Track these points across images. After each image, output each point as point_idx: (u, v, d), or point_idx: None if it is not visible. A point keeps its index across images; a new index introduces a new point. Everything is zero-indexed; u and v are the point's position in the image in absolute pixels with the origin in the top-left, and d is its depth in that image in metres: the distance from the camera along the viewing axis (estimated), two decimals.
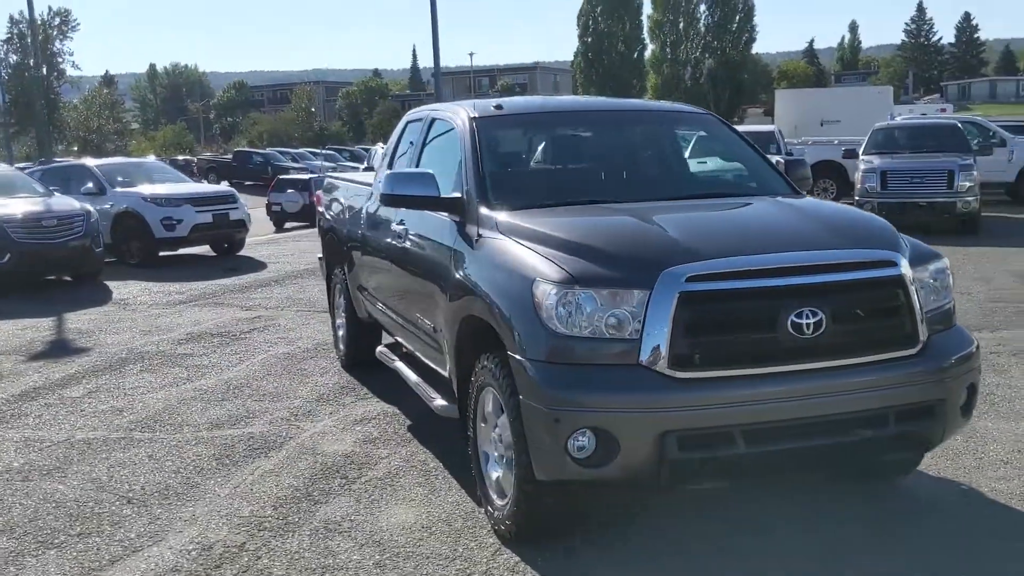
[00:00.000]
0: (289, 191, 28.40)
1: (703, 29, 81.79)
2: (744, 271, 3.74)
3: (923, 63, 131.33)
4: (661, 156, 5.56)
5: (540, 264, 3.93)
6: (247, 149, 55.07)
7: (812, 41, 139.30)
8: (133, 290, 12.39)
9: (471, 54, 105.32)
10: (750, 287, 3.72)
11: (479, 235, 4.51)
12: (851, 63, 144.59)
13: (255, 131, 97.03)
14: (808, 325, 3.70)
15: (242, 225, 15.69)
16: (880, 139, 17.71)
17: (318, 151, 54.75)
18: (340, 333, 7.77)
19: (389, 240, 5.83)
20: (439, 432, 5.85)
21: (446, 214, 4.93)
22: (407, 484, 5.09)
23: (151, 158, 22.72)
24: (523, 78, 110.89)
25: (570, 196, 4.91)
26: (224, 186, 19.23)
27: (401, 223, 5.59)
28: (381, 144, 25.87)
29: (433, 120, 5.80)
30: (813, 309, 3.71)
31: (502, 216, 4.48)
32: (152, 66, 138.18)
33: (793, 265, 3.80)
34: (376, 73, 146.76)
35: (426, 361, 5.53)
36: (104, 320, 10.25)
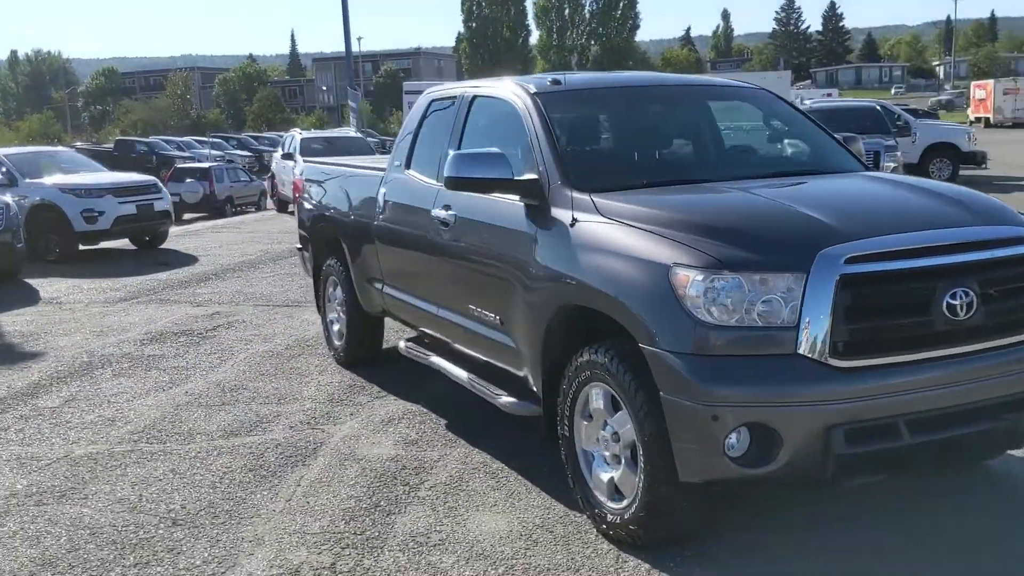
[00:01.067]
0: (188, 181, 27.33)
1: (588, 16, 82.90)
2: (901, 251, 3.54)
3: (793, 50, 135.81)
4: (737, 132, 5.32)
5: (674, 248, 3.63)
6: (130, 138, 52.63)
7: (689, 29, 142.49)
8: (61, 288, 11.47)
9: (360, 39, 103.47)
10: (909, 268, 3.52)
11: (574, 219, 4.17)
12: (725, 51, 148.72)
13: (128, 119, 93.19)
14: (962, 306, 3.52)
15: (167, 216, 14.80)
16: None
17: (205, 139, 52.81)
18: (335, 328, 7.29)
19: (426, 227, 5.42)
20: (484, 431, 5.51)
21: (517, 197, 4.57)
22: (480, 489, 4.72)
23: (60, 148, 21.25)
24: (407, 63, 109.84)
25: (660, 175, 4.61)
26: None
27: (446, 208, 5.19)
28: (298, 130, 25.00)
29: (474, 98, 5.40)
30: (966, 289, 3.54)
31: (600, 198, 4.16)
32: (13, 53, 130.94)
33: (947, 243, 3.62)
34: (251, 58, 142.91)
35: (479, 356, 5.16)
36: (44, 321, 9.42)
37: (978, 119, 55.15)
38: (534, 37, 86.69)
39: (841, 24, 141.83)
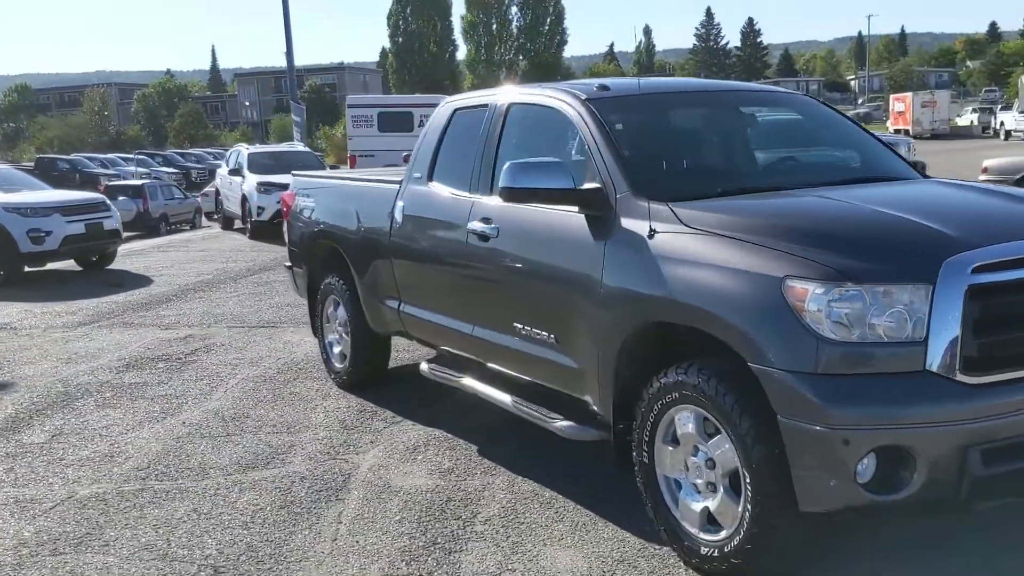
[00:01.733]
0: (121, 198, 26.36)
1: (516, 31, 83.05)
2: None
3: (713, 66, 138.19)
4: (791, 139, 5.13)
5: (784, 260, 3.39)
6: (51, 155, 50.86)
7: (612, 45, 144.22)
8: (12, 312, 10.79)
9: (286, 53, 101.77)
10: None
11: (652, 230, 3.91)
12: (647, 66, 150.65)
13: (44, 137, 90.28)
14: None
15: (117, 235, 14.12)
16: None
17: (129, 156, 51.39)
18: (336, 350, 6.90)
19: (458, 242, 5.10)
20: (522, 456, 5.22)
21: (576, 208, 4.29)
22: (539, 521, 4.41)
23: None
24: (331, 78, 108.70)
25: (732, 183, 4.39)
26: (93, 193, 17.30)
27: (485, 221, 4.89)
28: (244, 145, 24.30)
29: (510, 107, 5.10)
30: None
31: (680, 208, 3.91)
32: None
33: None
34: (169, 74, 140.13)
35: (524, 377, 4.86)
36: (3, 348, 8.79)
37: (897, 131, 56.63)
38: (461, 52, 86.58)
39: (759, 40, 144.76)
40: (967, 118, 60.79)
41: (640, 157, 4.41)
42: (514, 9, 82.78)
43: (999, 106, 58.99)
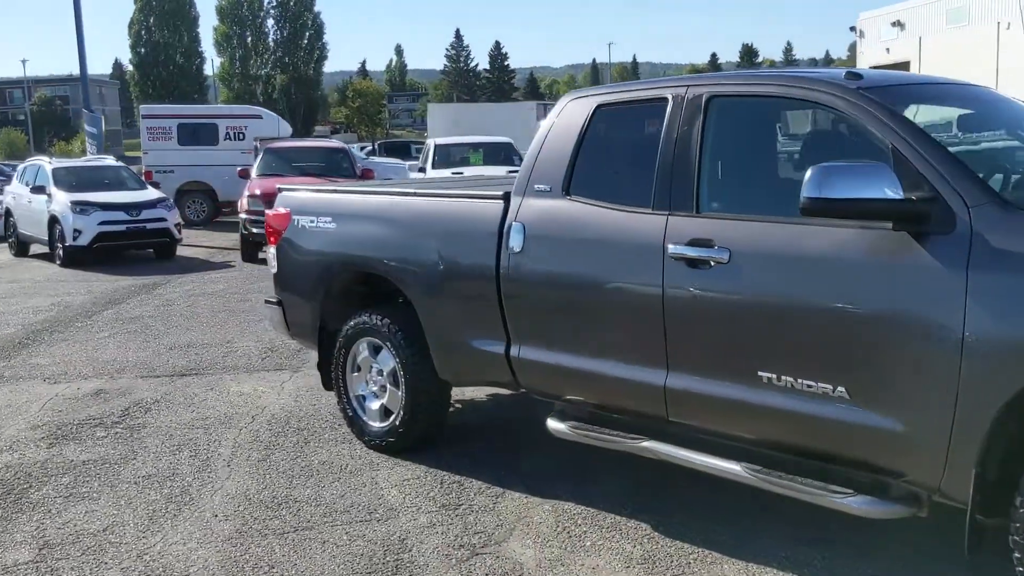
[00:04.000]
0: None
1: (273, 44, 79.89)
2: None
3: (464, 86, 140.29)
4: None
5: None
6: None
7: (364, 62, 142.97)
8: None
9: (24, 61, 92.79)
10: None
11: None
12: (399, 84, 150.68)
13: None
14: None
15: None
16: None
17: None
18: (373, 405, 5.55)
19: (651, 270, 4.04)
20: (740, 536, 4.23)
21: (890, 225, 3.39)
22: None
23: None
24: (64, 90, 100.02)
25: None
26: None
27: (701, 244, 3.87)
28: (46, 158, 20.97)
29: (710, 100, 4.08)
30: None
31: None
32: None
33: None
34: None
35: (769, 438, 3.88)
36: None
37: None
38: (210, 65, 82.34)
39: (506, 63, 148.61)
40: None
41: (965, 159, 3.57)
42: (270, 22, 79.74)
43: None
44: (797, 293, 3.66)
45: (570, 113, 4.64)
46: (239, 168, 17.50)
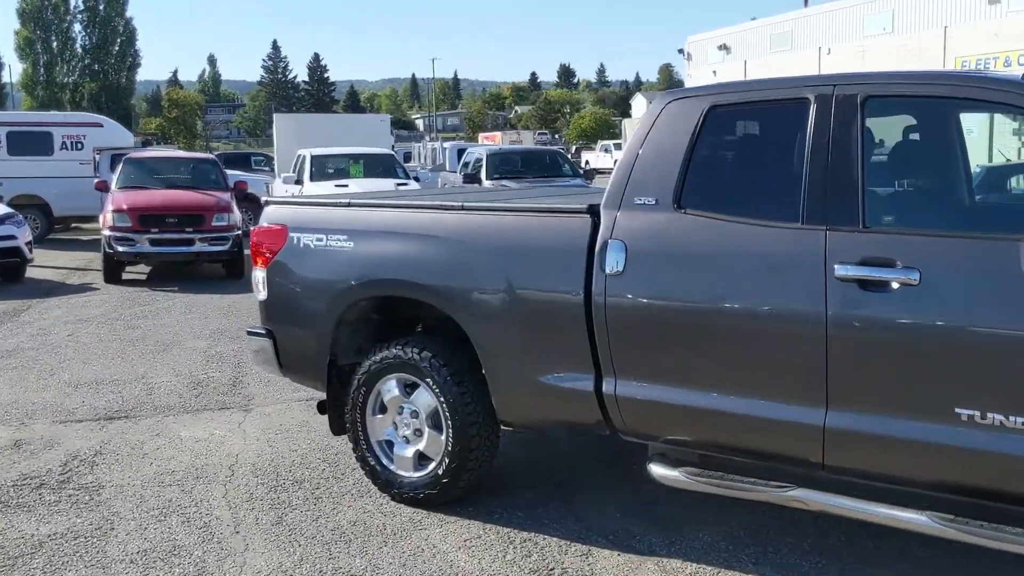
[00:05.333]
0: None
1: (81, 51, 74.87)
2: None
3: (283, 98, 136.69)
4: None
5: None
6: None
7: (176, 71, 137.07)
8: None
9: None
10: None
11: None
12: (213, 95, 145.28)
13: None
14: None
15: None
16: (496, 162, 17.52)
17: None
18: (406, 452, 4.79)
19: (811, 294, 3.54)
20: None
21: None
22: None
23: None
24: None
25: None
26: None
27: (879, 264, 3.41)
28: None
29: (866, 101, 3.61)
30: None
31: None
32: None
33: None
34: None
35: (969, 483, 3.44)
36: None
37: None
38: (8, 72, 76.47)
39: (326, 75, 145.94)
40: None
41: None
42: (77, 27, 74.72)
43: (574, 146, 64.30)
44: (1012, 318, 3.24)
45: (674, 116, 4.07)
46: (97, 180, 15.87)
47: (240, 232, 14.06)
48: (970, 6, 34.46)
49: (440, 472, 4.65)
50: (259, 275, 5.21)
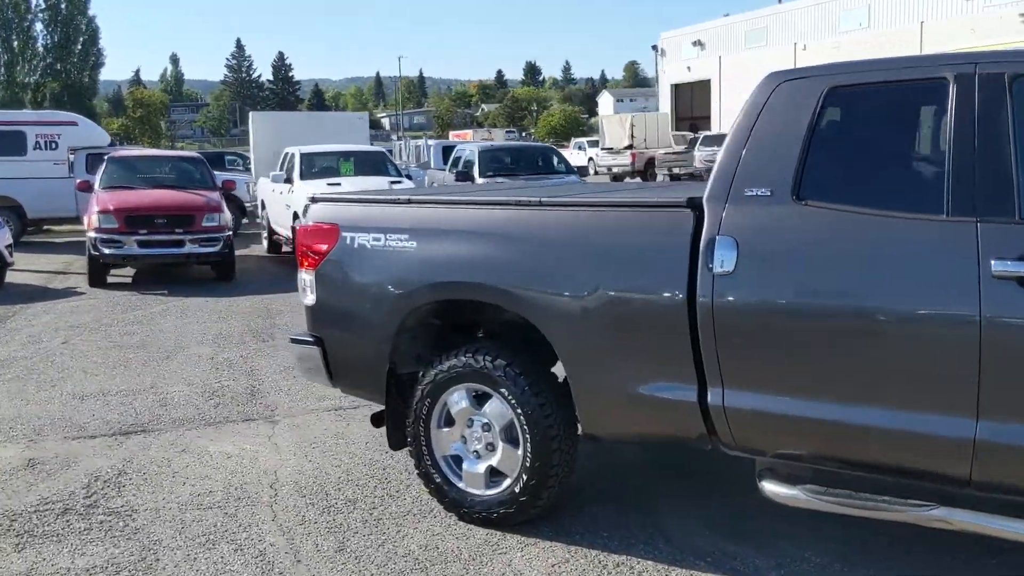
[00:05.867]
0: None
1: (43, 50, 73.42)
2: None
3: (247, 97, 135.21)
4: None
5: None
6: None
7: (138, 71, 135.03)
8: None
9: None
10: None
11: None
12: (177, 94, 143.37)
13: None
14: None
15: None
16: (488, 159, 17.14)
17: None
18: (478, 468, 4.40)
19: (966, 295, 3.20)
20: None
21: None
22: None
23: None
24: None
25: None
26: None
27: None
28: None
29: (1014, 80, 3.27)
30: None
31: None
32: None
33: None
34: None
35: None
36: None
37: None
38: None
39: (291, 74, 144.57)
40: None
41: None
42: (39, 26, 73.29)
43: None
44: None
45: (786, 99, 3.71)
46: (79, 180, 15.28)
47: (231, 233, 13.57)
48: (946, 1, 34.64)
49: (517, 489, 4.26)
50: (307, 278, 4.80)
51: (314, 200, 4.93)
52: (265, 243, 17.06)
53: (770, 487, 3.72)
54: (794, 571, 3.88)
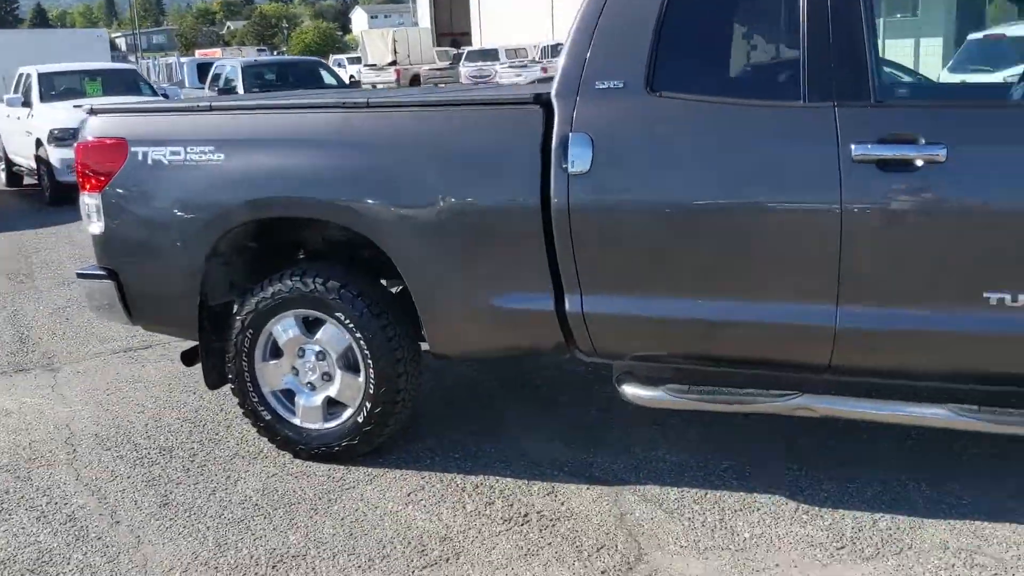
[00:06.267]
0: None
1: None
2: None
3: None
4: None
5: None
6: None
7: None
8: None
9: None
10: None
11: None
12: None
13: None
14: None
15: None
16: (252, 74, 16.13)
17: None
18: (314, 400, 4.02)
19: (827, 179, 3.16)
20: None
21: None
22: None
23: None
24: None
25: None
26: None
27: (900, 141, 3.07)
28: None
29: None
30: None
31: None
32: None
33: None
34: None
35: (997, 369, 3.24)
36: None
37: None
38: None
39: None
40: None
41: None
42: None
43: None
44: None
45: None
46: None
47: None
48: None
49: (360, 419, 3.94)
50: (91, 202, 4.16)
51: (93, 112, 4.25)
52: (3, 176, 15.33)
53: (631, 390, 3.61)
54: (654, 471, 3.83)
